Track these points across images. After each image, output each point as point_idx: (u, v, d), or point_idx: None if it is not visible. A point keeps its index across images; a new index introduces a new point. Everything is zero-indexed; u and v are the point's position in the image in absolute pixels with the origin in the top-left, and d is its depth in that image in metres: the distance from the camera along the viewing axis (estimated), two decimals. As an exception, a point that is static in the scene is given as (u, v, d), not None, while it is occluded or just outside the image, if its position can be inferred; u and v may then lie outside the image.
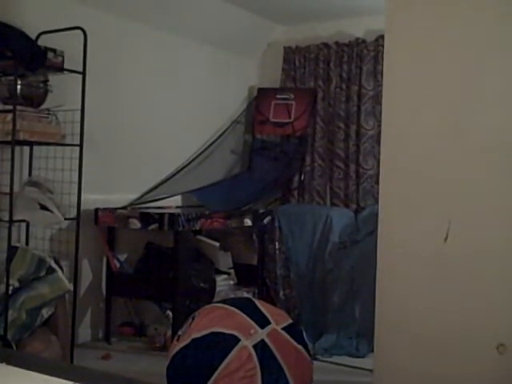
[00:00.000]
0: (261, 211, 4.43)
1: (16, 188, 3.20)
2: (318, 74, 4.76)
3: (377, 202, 2.83)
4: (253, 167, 4.84)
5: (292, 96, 4.75)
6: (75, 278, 3.44)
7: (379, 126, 4.58)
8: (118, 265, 3.94)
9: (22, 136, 3.14)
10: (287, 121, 4.73)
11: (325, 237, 4.18)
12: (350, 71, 4.65)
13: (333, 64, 4.72)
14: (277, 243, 4.38)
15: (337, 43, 4.72)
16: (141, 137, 4.17)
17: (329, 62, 4.73)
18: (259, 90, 4.94)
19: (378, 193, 2.62)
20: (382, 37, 4.46)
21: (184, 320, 2.81)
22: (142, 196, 4.18)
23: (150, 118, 4.26)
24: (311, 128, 4.75)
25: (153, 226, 3.73)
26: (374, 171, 4.60)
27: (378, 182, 4.32)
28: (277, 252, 4.39)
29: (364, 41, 4.62)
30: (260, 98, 4.90)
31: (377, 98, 4.56)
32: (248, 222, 4.27)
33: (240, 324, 2.57)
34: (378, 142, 4.42)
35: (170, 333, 3.69)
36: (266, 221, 4.38)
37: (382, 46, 4.38)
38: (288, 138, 4.79)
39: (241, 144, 5.00)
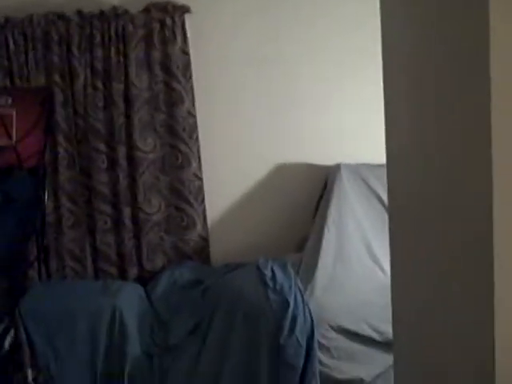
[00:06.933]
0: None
1: None
2: (51, 62, 2.87)
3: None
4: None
5: (10, 101, 2.79)
6: None
7: (163, 145, 2.96)
8: None
9: None
10: (6, 143, 2.77)
11: (116, 347, 2.41)
12: (108, 59, 2.89)
13: (76, 47, 2.87)
14: (29, 371, 2.45)
15: (80, 14, 2.87)
16: None
17: (69, 44, 2.87)
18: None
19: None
20: (156, 5, 2.83)
21: None
22: None
23: None
24: (50, 152, 2.89)
25: None
26: (160, 215, 2.96)
27: (167, 232, 2.85)
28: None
29: (127, 11, 2.88)
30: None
31: (155, 101, 2.91)
32: None
33: None
34: (163, 170, 2.92)
35: None
36: (7, 345, 2.45)
37: (158, 20, 2.75)
38: (12, 172, 2.83)
39: None
